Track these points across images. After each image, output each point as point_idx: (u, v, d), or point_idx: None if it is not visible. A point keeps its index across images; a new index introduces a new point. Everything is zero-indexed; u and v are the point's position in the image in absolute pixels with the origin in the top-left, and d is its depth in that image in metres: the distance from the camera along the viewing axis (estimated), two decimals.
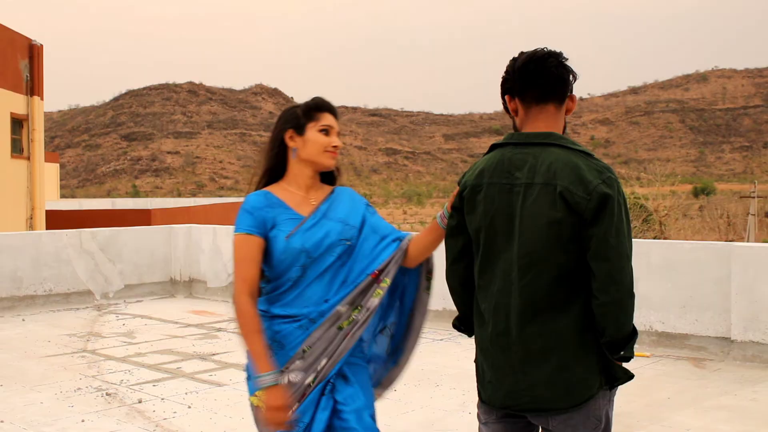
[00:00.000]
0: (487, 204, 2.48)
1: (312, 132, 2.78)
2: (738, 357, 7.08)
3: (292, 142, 2.80)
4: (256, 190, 2.82)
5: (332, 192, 2.90)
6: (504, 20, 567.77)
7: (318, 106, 2.82)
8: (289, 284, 2.74)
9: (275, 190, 2.82)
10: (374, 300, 2.76)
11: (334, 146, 2.81)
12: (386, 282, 2.78)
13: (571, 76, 2.51)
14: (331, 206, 2.83)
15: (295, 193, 2.82)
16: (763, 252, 7.06)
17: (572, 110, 2.56)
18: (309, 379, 2.67)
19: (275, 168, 2.85)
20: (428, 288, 2.97)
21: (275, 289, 2.76)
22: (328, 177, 2.93)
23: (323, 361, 2.68)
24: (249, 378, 2.75)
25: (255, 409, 2.68)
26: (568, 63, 2.51)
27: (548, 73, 2.47)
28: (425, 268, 2.95)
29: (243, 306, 2.67)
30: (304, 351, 2.69)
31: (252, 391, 2.69)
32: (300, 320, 2.72)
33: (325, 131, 2.80)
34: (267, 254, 2.74)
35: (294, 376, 2.67)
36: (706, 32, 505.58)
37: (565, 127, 2.57)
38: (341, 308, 2.73)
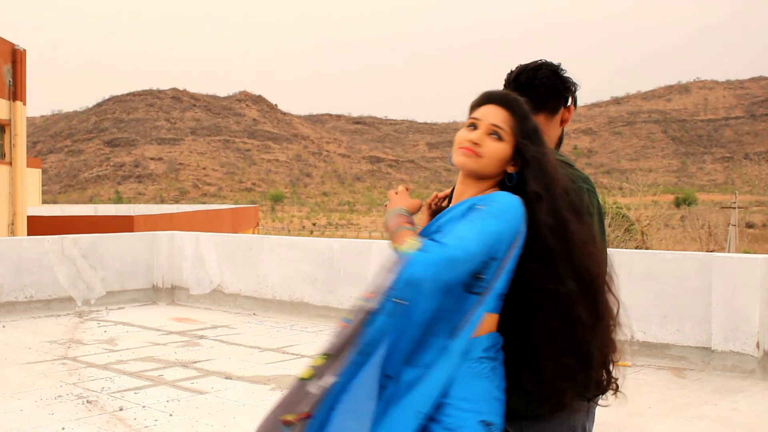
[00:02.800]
0: None
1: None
2: (718, 367, 7.13)
3: None
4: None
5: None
6: (487, 31, 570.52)
7: (475, 101, 2.35)
8: None
9: None
10: None
11: (469, 140, 2.26)
12: None
13: (571, 86, 2.55)
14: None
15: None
16: (744, 262, 7.12)
17: (567, 121, 2.60)
18: None
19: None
20: None
21: None
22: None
23: None
24: None
25: None
26: (566, 74, 2.54)
27: (538, 84, 2.50)
28: None
29: None
30: None
31: None
32: None
33: (473, 126, 2.29)
34: None
35: None
36: (689, 44, 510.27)
37: (561, 138, 2.60)
38: None
